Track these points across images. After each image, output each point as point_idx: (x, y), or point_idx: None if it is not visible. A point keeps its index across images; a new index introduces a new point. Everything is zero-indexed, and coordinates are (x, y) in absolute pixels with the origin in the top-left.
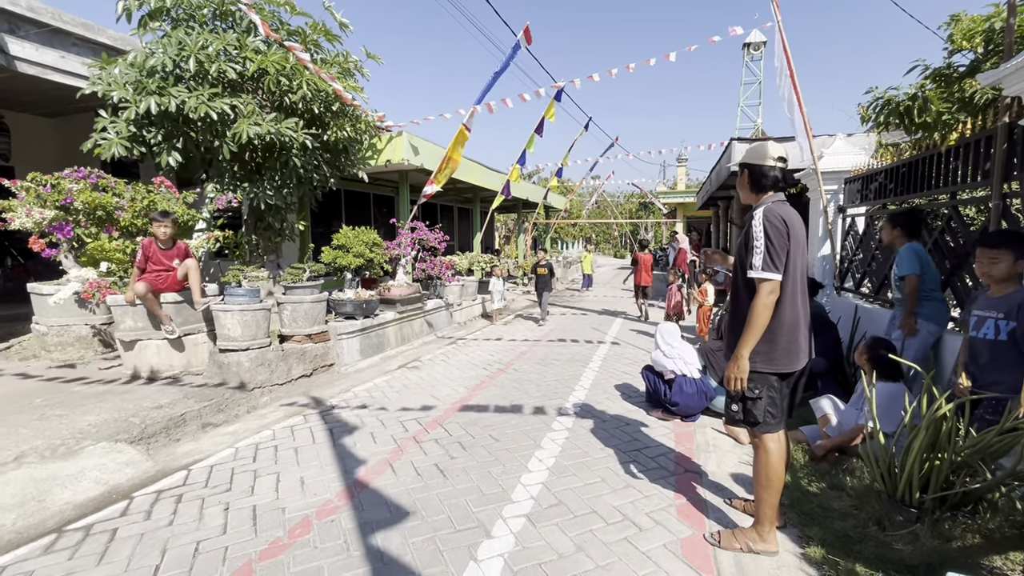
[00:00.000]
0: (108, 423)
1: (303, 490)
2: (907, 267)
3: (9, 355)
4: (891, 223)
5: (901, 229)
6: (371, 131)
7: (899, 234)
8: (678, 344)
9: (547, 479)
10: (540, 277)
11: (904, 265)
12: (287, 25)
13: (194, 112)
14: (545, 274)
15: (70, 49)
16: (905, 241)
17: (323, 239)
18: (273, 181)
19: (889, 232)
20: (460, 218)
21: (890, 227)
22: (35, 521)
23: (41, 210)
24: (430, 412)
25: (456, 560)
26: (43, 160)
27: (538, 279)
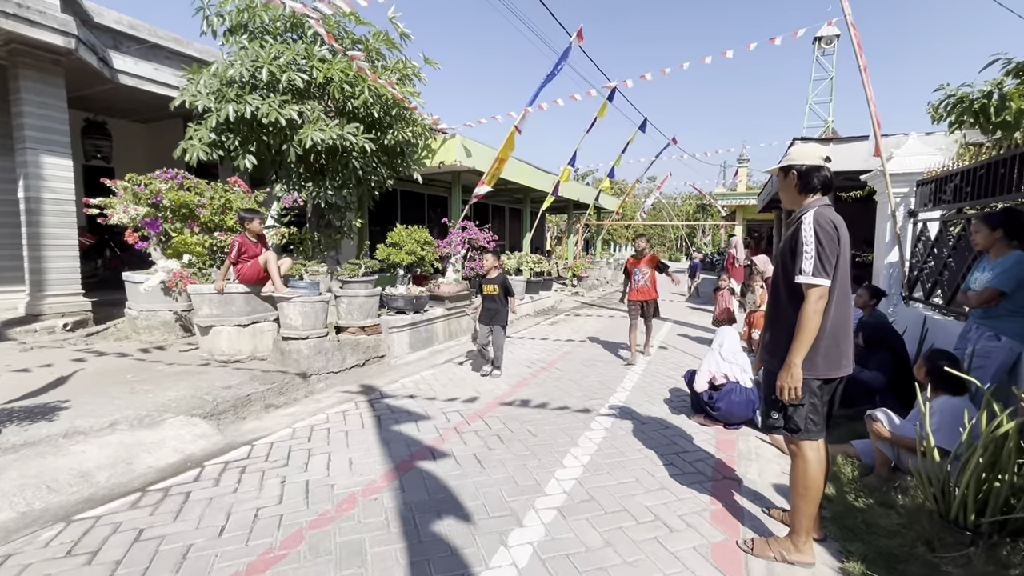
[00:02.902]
0: (186, 399)
1: (351, 470)
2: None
3: (106, 335)
4: (988, 224)
5: (1003, 231)
6: (426, 134)
7: (1000, 237)
8: (738, 351)
9: (581, 475)
10: (486, 299)
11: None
12: (351, 34)
13: (266, 118)
14: (494, 294)
15: (163, 62)
16: (1006, 245)
17: (379, 237)
18: (334, 182)
19: (987, 235)
20: (511, 218)
21: (988, 229)
22: (124, 480)
23: (136, 207)
24: (472, 405)
25: (487, 544)
26: (138, 162)
27: (483, 303)
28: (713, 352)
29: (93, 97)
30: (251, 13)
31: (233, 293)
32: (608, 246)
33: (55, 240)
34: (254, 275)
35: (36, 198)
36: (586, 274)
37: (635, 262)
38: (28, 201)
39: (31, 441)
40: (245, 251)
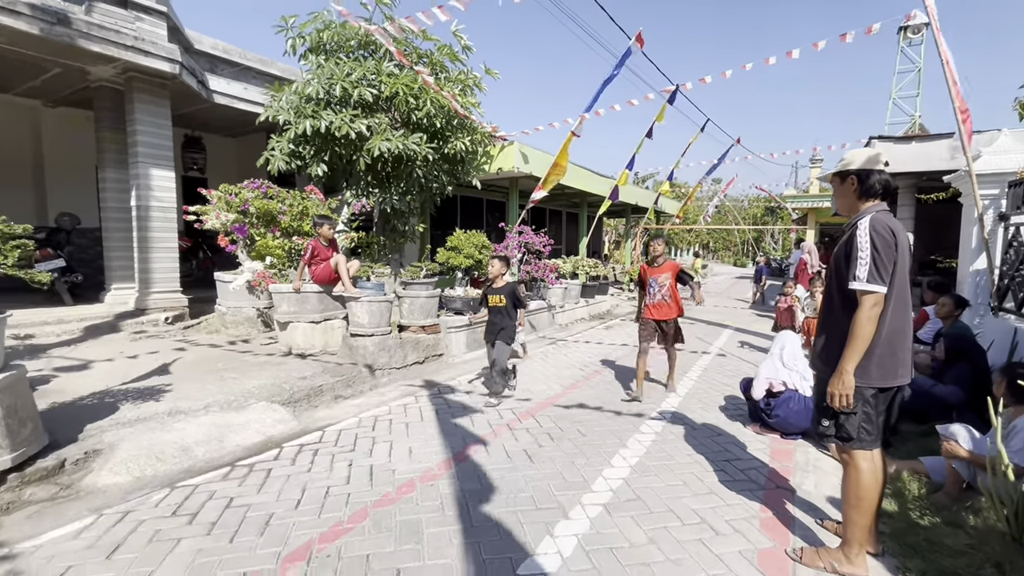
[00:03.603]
0: (267, 387)
1: (411, 457)
2: None
3: (200, 328)
4: None
5: None
6: (485, 141)
7: None
8: (799, 357)
9: (628, 476)
10: (491, 312)
11: None
12: (417, 49)
13: (338, 131)
14: (501, 306)
15: (251, 81)
16: None
17: (440, 241)
18: (399, 189)
19: None
20: (568, 222)
21: None
22: (216, 455)
23: (226, 214)
24: (525, 404)
25: (534, 532)
26: (228, 172)
27: (488, 316)
28: (772, 358)
29: (192, 115)
30: (329, 34)
31: (308, 292)
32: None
33: (160, 243)
34: (326, 276)
35: (145, 206)
36: None
37: (650, 270)
38: (138, 209)
39: (142, 417)
40: (317, 254)
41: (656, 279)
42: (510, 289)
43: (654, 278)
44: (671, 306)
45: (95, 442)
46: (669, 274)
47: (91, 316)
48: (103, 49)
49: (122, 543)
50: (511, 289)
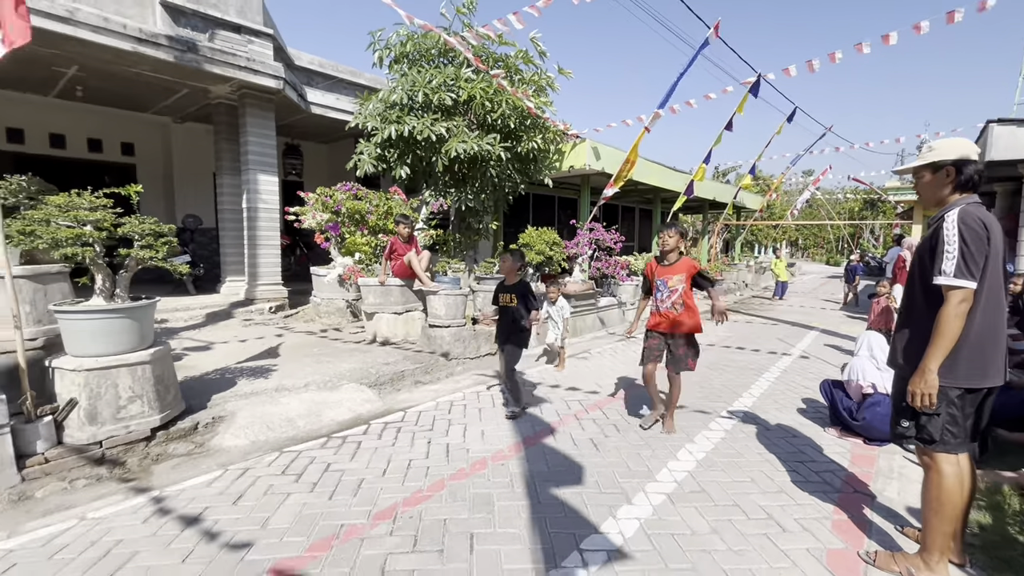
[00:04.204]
0: (356, 371)
1: (483, 439)
2: None
3: (297, 317)
4: None
5: None
6: (558, 139)
7: None
8: None
9: (694, 469)
10: (501, 312)
11: None
12: (493, 54)
13: (420, 135)
14: (511, 306)
15: (342, 91)
16: None
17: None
18: (474, 188)
19: None
20: (641, 219)
21: None
22: (314, 428)
23: (321, 214)
24: (592, 397)
25: (597, 514)
26: (321, 175)
27: (500, 317)
28: (859, 359)
29: (291, 125)
30: (412, 45)
31: (391, 286)
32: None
33: (265, 241)
34: (403, 271)
35: (254, 208)
36: (721, 277)
37: (659, 268)
38: (248, 211)
39: (255, 392)
40: (396, 250)
41: (665, 281)
42: (521, 288)
43: (662, 280)
44: (683, 316)
45: (219, 410)
46: (682, 275)
47: (210, 304)
48: (222, 71)
49: (244, 493)
50: (523, 288)
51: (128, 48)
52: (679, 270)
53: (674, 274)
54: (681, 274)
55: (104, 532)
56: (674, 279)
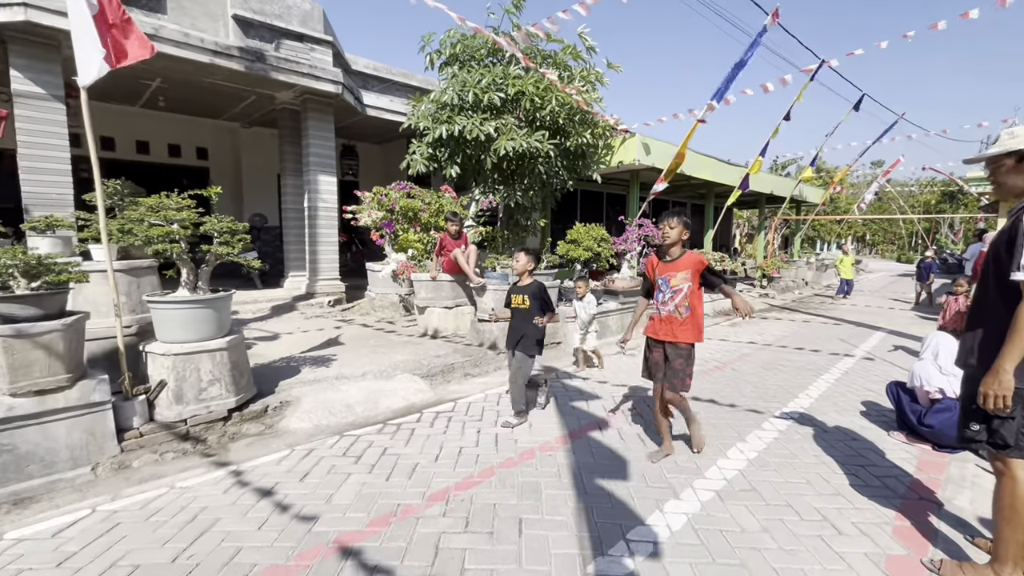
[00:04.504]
0: (409, 362)
1: (530, 431)
2: None
3: (353, 311)
4: None
5: None
6: (607, 134)
7: None
8: None
9: (744, 468)
10: (514, 314)
11: None
12: (542, 52)
13: (470, 134)
14: (524, 308)
15: (395, 94)
16: None
17: (560, 234)
18: (522, 185)
19: None
20: (693, 215)
21: None
22: (372, 414)
23: (376, 212)
24: (640, 393)
25: (644, 506)
26: (375, 175)
27: (512, 319)
28: (922, 363)
29: (348, 127)
30: (462, 46)
31: (442, 281)
32: (811, 244)
33: (325, 239)
34: (453, 267)
35: (314, 207)
36: (778, 274)
37: (660, 265)
38: (309, 210)
39: (317, 379)
40: (446, 246)
41: (667, 280)
42: (535, 289)
43: (664, 279)
44: (687, 324)
45: (286, 395)
46: (687, 273)
47: (275, 298)
48: (287, 78)
49: (310, 472)
50: (536, 289)
51: (205, 60)
52: (683, 266)
53: (677, 271)
54: (686, 271)
55: (191, 500)
56: (678, 277)
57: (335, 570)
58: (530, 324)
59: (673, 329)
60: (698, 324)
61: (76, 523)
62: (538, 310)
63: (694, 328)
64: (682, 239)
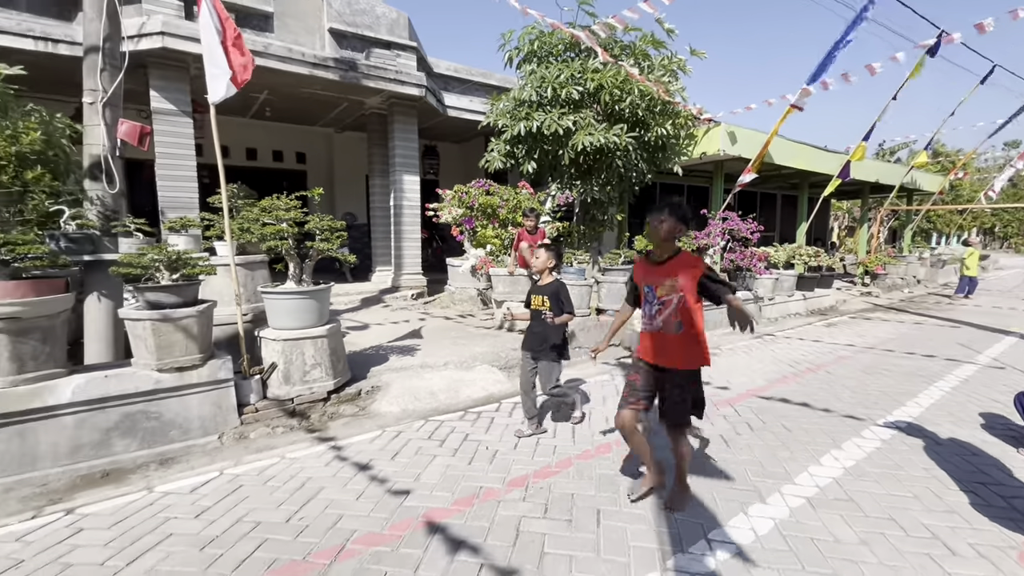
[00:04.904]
0: (487, 354)
1: (607, 424)
2: None
3: (434, 304)
4: None
5: None
6: (689, 124)
7: None
8: None
9: (840, 476)
10: (533, 315)
11: None
12: (620, 43)
13: (547, 129)
14: (543, 309)
15: (474, 93)
16: None
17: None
18: (599, 180)
19: None
20: (783, 206)
21: None
22: (453, 402)
23: (456, 209)
24: (721, 393)
25: (726, 508)
26: (454, 173)
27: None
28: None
29: (430, 128)
30: (540, 42)
31: (519, 275)
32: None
33: (408, 235)
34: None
35: (399, 205)
36: (883, 271)
37: (648, 268)
38: (395, 208)
39: (403, 367)
40: (522, 241)
41: (653, 288)
42: (554, 289)
43: (650, 285)
44: (679, 342)
45: (376, 380)
46: (678, 280)
47: (364, 291)
48: (376, 84)
49: (399, 452)
50: (556, 289)
51: (305, 72)
52: (673, 271)
53: (666, 278)
54: (675, 278)
55: (299, 470)
56: (666, 285)
57: (424, 542)
58: (552, 327)
59: (666, 349)
60: (699, 342)
61: (208, 483)
62: (557, 312)
63: (693, 347)
64: (674, 236)
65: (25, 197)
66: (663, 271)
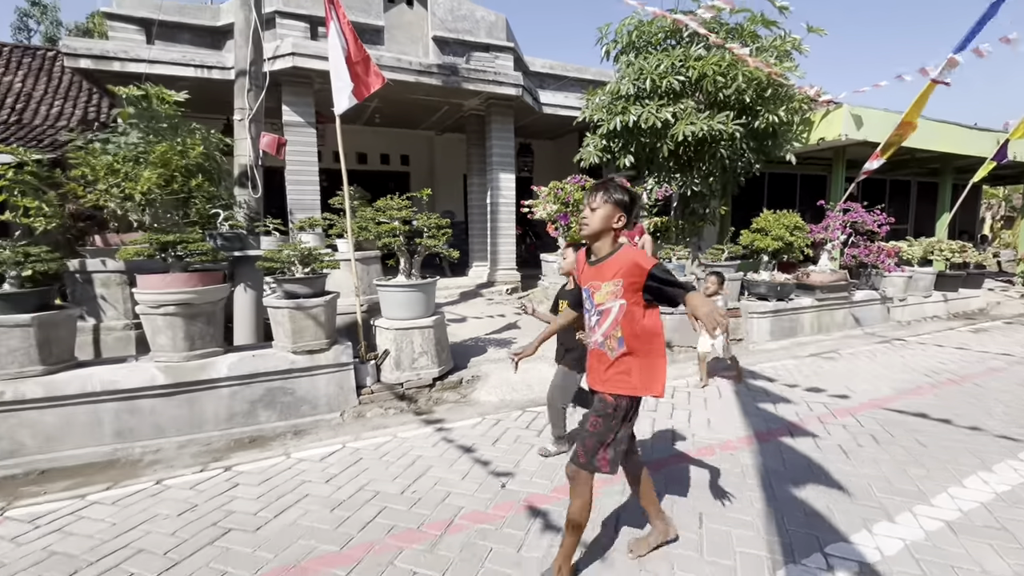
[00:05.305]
0: None
1: (708, 427)
2: None
3: (528, 299)
4: None
5: None
6: (804, 108)
7: None
8: None
9: (990, 502)
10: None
11: None
12: (726, 25)
13: (645, 122)
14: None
15: (568, 89)
16: None
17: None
18: (700, 171)
19: None
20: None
21: None
22: None
23: (551, 205)
24: (841, 401)
25: (847, 522)
26: (547, 171)
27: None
28: None
29: (525, 126)
30: (638, 33)
31: None
32: None
33: (504, 232)
34: None
35: (496, 203)
36: None
37: (587, 271)
38: (491, 205)
39: (500, 359)
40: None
41: (590, 292)
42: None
43: (587, 288)
44: (621, 365)
45: (476, 371)
46: (617, 283)
47: (462, 285)
48: (475, 86)
49: (499, 438)
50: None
51: (411, 80)
52: (609, 272)
53: (602, 281)
54: (612, 281)
55: (409, 448)
56: (603, 290)
57: (526, 524)
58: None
59: (600, 371)
60: (649, 363)
61: (333, 453)
62: None
63: (637, 374)
64: (613, 227)
65: (189, 202)
66: (599, 272)
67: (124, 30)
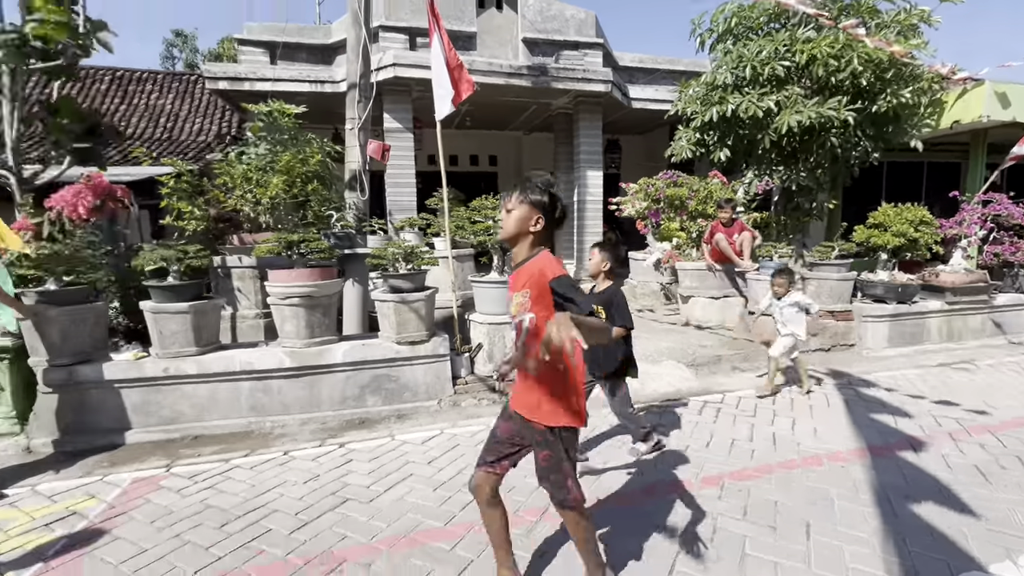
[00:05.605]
0: (673, 350)
1: (815, 436)
2: None
3: None
4: None
5: None
6: (937, 87)
7: None
8: None
9: None
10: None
11: None
12: (840, 2)
13: (744, 113)
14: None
15: (659, 82)
16: None
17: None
18: (807, 163)
19: None
20: None
21: None
22: (639, 395)
23: (641, 202)
24: (977, 417)
25: (984, 550)
26: (635, 167)
27: None
28: None
29: (613, 122)
30: (739, 18)
31: (709, 270)
32: None
33: (590, 229)
34: (720, 255)
35: (583, 200)
36: None
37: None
38: (578, 203)
39: None
40: (715, 234)
41: (508, 303)
42: (608, 296)
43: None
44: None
45: None
46: (527, 294)
47: None
48: (564, 85)
49: (589, 435)
50: (610, 296)
51: (501, 82)
52: (520, 282)
53: (513, 291)
54: (521, 292)
55: None
56: (515, 300)
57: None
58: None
59: (523, 390)
60: (562, 387)
61: (433, 438)
62: (611, 323)
63: (554, 395)
64: (531, 230)
65: (306, 205)
66: (515, 280)
67: (252, 53)
